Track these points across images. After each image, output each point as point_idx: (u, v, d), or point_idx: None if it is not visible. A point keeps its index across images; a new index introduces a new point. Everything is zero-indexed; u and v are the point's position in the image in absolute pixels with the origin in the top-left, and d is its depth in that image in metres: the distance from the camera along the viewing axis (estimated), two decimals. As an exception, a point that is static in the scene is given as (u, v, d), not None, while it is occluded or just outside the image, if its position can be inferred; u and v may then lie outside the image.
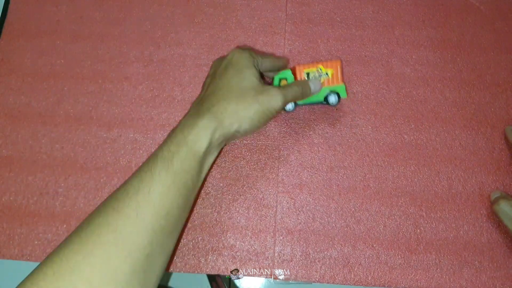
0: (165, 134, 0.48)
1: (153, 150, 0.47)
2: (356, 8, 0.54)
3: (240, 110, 0.38)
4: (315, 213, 0.45)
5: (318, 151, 0.48)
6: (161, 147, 0.37)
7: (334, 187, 0.46)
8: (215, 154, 0.39)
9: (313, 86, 0.45)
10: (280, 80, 0.45)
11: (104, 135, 0.48)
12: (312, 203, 0.46)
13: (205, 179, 0.45)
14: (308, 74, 0.45)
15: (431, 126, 0.49)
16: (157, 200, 0.34)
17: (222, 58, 0.44)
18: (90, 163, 0.47)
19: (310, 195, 0.46)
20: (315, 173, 0.47)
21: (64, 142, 0.48)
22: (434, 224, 0.45)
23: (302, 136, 0.48)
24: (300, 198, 0.46)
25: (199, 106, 0.39)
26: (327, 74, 0.45)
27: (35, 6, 0.54)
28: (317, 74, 0.45)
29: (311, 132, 0.48)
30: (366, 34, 0.52)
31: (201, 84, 0.50)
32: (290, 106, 0.46)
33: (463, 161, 0.47)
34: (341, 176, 0.47)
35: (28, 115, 0.49)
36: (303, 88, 0.44)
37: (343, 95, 0.46)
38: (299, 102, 0.46)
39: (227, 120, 0.38)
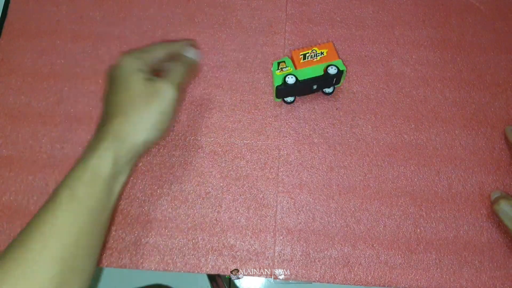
0: (165, 134, 0.48)
1: (153, 150, 0.47)
2: (356, 8, 0.54)
3: (137, 122, 0.37)
4: (315, 213, 0.45)
5: (318, 151, 0.48)
6: (66, 175, 0.36)
7: (334, 187, 0.46)
8: (126, 172, 0.38)
9: (190, 53, 0.43)
10: (279, 63, 0.46)
11: (104, 135, 0.48)
12: (312, 203, 0.46)
13: (119, 199, 0.44)
14: (304, 55, 0.46)
15: (431, 126, 0.49)
16: (63, 229, 0.34)
17: (112, 68, 0.41)
18: (90, 163, 0.47)
19: (310, 195, 0.46)
20: (315, 173, 0.47)
21: (64, 142, 0.48)
22: (434, 224, 0.45)
23: (302, 136, 0.48)
24: (300, 198, 0.46)
25: (100, 127, 0.38)
26: (322, 53, 0.46)
27: (35, 6, 0.54)
28: (313, 55, 0.46)
29: (311, 132, 0.48)
30: (366, 34, 0.52)
31: (201, 84, 0.50)
32: (291, 81, 0.45)
33: (463, 161, 0.47)
34: (341, 176, 0.47)
35: (28, 115, 0.49)
36: (185, 63, 0.42)
37: (342, 67, 0.46)
38: (300, 78, 0.46)
39: (129, 136, 0.37)
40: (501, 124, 0.49)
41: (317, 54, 0.46)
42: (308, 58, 0.46)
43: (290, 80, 0.45)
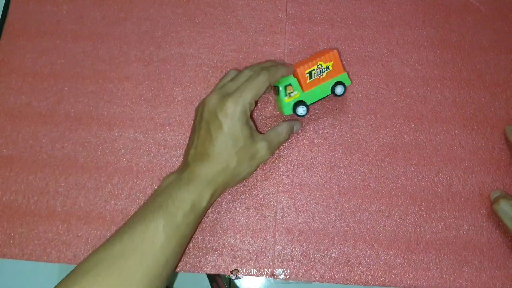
0: (166, 134, 0.48)
1: (153, 150, 0.47)
2: (356, 8, 0.54)
3: (236, 174, 0.42)
4: (315, 213, 0.45)
5: (318, 151, 0.48)
6: (163, 196, 0.39)
7: (334, 187, 0.46)
8: (210, 206, 0.43)
9: (296, 127, 0.47)
10: (285, 87, 0.44)
11: (105, 135, 0.48)
12: (312, 203, 0.46)
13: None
14: (310, 73, 0.45)
15: (431, 126, 0.49)
16: (159, 250, 0.36)
17: (218, 103, 0.41)
18: (90, 163, 0.47)
19: (310, 195, 0.46)
20: (315, 173, 0.47)
21: (65, 142, 0.48)
22: (434, 223, 0.45)
23: (302, 136, 0.48)
24: (300, 197, 0.46)
25: (199, 167, 0.40)
26: (328, 67, 0.45)
27: (35, 6, 0.54)
28: (319, 71, 0.45)
29: (311, 132, 0.48)
30: (366, 34, 0.52)
31: (201, 84, 0.50)
32: (302, 111, 0.45)
33: (463, 161, 0.47)
34: (341, 176, 0.47)
35: (29, 115, 0.49)
36: (287, 131, 0.45)
37: (347, 83, 0.46)
38: (308, 102, 0.46)
39: (226, 181, 0.41)
40: (501, 124, 0.49)
41: (323, 70, 0.45)
42: (314, 76, 0.45)
43: (301, 111, 0.45)
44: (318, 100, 0.47)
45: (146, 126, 0.48)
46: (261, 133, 0.44)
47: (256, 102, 0.43)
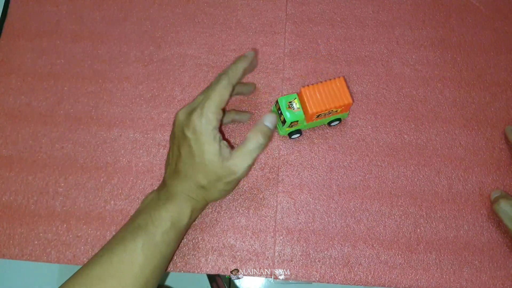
0: (165, 134, 0.48)
1: (153, 150, 0.47)
2: (356, 8, 0.54)
3: (213, 190, 0.40)
4: (315, 213, 0.45)
5: (318, 151, 0.48)
6: (143, 216, 0.39)
7: (334, 187, 0.46)
8: (192, 222, 0.42)
9: (269, 123, 0.41)
10: (291, 123, 0.44)
11: (104, 135, 0.48)
12: (312, 203, 0.46)
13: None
14: (319, 115, 0.43)
15: (431, 126, 0.49)
16: (138, 270, 0.36)
17: (185, 119, 0.39)
18: (90, 163, 0.47)
19: (310, 195, 0.46)
20: (315, 173, 0.47)
21: (64, 142, 0.48)
22: (434, 224, 0.45)
23: (302, 136, 0.48)
24: (300, 198, 0.46)
25: (174, 185, 0.40)
26: (336, 111, 0.44)
27: (35, 6, 0.54)
28: (327, 112, 0.43)
29: (311, 132, 0.48)
30: (366, 34, 0.52)
31: (201, 84, 0.50)
32: (295, 136, 0.47)
33: (463, 161, 0.47)
34: (341, 176, 0.47)
35: (28, 115, 0.49)
36: (264, 137, 0.40)
37: (344, 117, 0.47)
38: (304, 129, 0.47)
39: (205, 197, 0.41)
40: (501, 124, 0.49)
41: (332, 112, 0.44)
42: (321, 116, 0.44)
43: (295, 136, 0.47)
44: (313, 127, 0.48)
45: (146, 126, 0.48)
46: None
47: (224, 110, 0.40)
